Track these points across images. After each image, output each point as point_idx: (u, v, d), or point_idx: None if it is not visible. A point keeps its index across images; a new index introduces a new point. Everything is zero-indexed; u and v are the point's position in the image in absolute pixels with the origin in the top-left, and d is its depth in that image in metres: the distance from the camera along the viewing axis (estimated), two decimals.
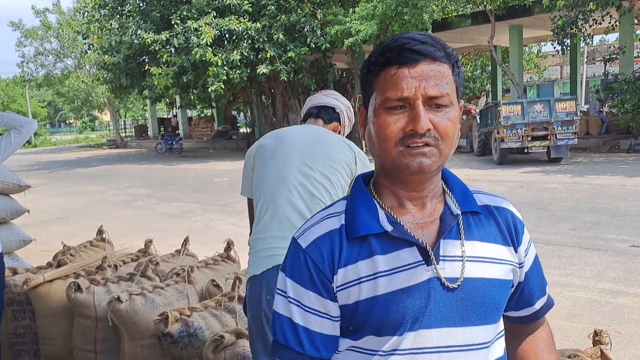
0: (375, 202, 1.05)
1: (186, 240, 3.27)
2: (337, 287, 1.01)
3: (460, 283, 1.00)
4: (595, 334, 1.86)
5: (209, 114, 33.86)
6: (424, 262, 1.00)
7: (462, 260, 1.01)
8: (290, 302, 1.04)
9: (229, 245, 3.08)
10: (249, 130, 27.33)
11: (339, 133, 2.29)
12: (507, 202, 1.14)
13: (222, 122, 30.65)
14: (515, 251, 1.09)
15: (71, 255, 3.33)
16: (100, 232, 3.79)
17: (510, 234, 1.09)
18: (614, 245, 5.83)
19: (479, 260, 1.03)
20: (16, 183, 3.83)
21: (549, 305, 1.21)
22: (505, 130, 13.23)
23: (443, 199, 1.07)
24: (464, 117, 26.59)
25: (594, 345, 1.84)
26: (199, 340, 2.09)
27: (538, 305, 1.18)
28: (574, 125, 12.98)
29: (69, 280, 2.74)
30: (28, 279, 2.84)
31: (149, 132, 35.85)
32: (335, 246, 1.02)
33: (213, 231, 7.72)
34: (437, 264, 1.00)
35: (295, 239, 1.07)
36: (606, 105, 18.37)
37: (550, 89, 40.68)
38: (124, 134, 37.81)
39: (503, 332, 1.10)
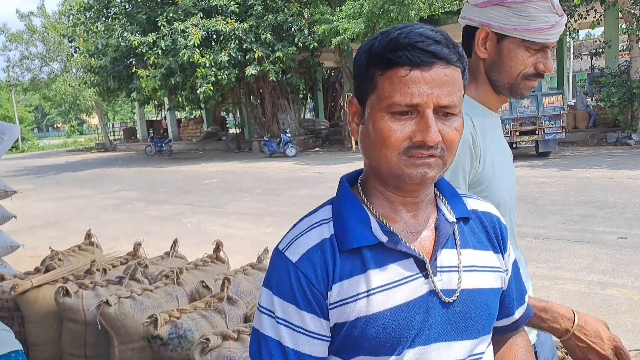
0: (366, 208, 0.97)
1: (175, 242, 3.26)
2: (330, 304, 0.93)
3: (457, 295, 0.94)
4: None
5: (197, 116, 33.75)
6: (421, 275, 0.94)
7: (459, 271, 0.96)
8: (279, 323, 0.94)
9: (218, 246, 3.07)
10: (238, 131, 27.28)
11: None
12: (492, 207, 1.10)
13: (211, 123, 30.57)
14: (502, 257, 1.05)
15: (59, 260, 3.30)
16: (88, 236, 3.77)
17: (498, 240, 1.05)
18: (602, 238, 5.88)
19: (474, 269, 0.98)
20: (2, 188, 3.79)
21: (527, 315, 1.16)
22: None
23: (435, 204, 1.01)
24: None
25: None
26: (189, 342, 2.08)
27: (517, 314, 1.12)
28: (561, 120, 13.09)
29: (58, 285, 2.72)
30: (16, 285, 2.82)
31: (137, 135, 35.67)
32: (329, 259, 0.93)
33: (204, 233, 7.70)
34: (435, 276, 0.94)
35: (281, 252, 0.97)
36: (593, 99, 18.52)
37: (537, 83, 40.92)
38: (112, 137, 37.59)
39: (489, 344, 1.06)
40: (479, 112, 1.40)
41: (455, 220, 0.99)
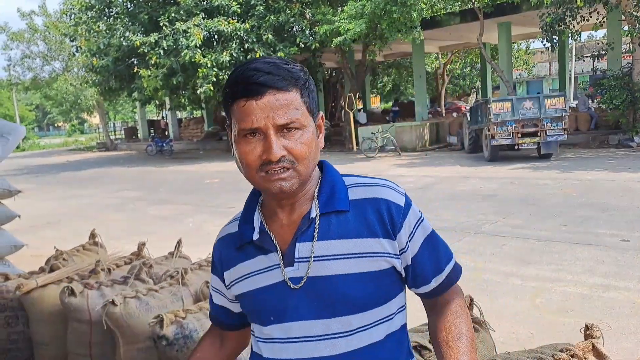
0: (258, 211, 1.20)
1: (179, 243, 3.27)
2: (227, 284, 1.26)
3: (303, 283, 1.11)
4: (587, 328, 1.88)
5: (198, 116, 33.76)
6: (278, 265, 1.14)
7: (309, 261, 1.11)
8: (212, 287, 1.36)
9: None
10: None
11: None
12: (386, 190, 1.18)
13: (212, 123, 30.57)
14: (393, 239, 1.14)
15: (64, 259, 3.31)
16: (92, 235, 3.77)
17: (384, 225, 1.13)
18: (604, 240, 5.88)
19: (331, 258, 1.11)
20: (6, 188, 3.80)
21: (450, 280, 1.24)
22: (495, 127, 13.31)
23: (312, 201, 1.16)
24: (454, 114, 26.74)
25: (585, 339, 1.86)
26: (194, 342, 2.09)
27: (435, 282, 1.22)
28: (563, 122, 13.09)
29: (62, 285, 2.73)
30: (20, 285, 2.82)
31: (139, 135, 35.70)
32: (223, 251, 1.26)
33: (205, 233, 7.70)
34: (293, 265, 1.12)
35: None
36: (595, 101, 18.51)
37: (539, 85, 40.93)
38: (113, 137, 37.62)
39: (388, 318, 1.17)
40: None
41: (315, 216, 1.13)
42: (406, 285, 1.23)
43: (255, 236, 1.16)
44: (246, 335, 1.39)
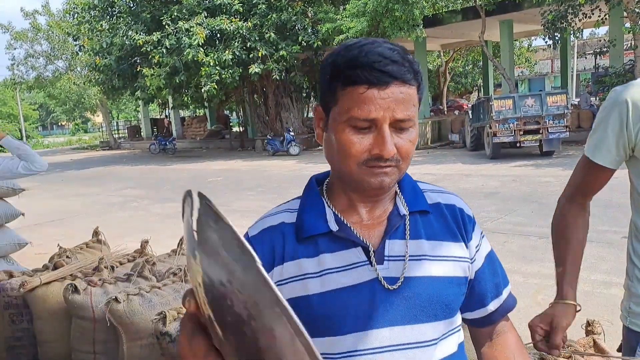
0: (325, 202, 1.07)
1: (182, 240, 3.29)
2: (279, 280, 1.02)
3: (400, 283, 1.00)
4: (588, 324, 1.89)
5: (201, 114, 33.79)
6: (368, 263, 1.01)
7: (405, 260, 1.02)
8: None
9: None
10: (241, 130, 27.33)
11: None
12: (457, 198, 1.15)
13: (214, 121, 30.62)
14: (467, 247, 1.09)
15: (67, 257, 3.32)
16: (96, 233, 3.80)
17: (460, 230, 1.10)
18: (606, 237, 5.89)
19: (424, 258, 1.04)
20: (10, 186, 3.82)
21: (506, 307, 1.17)
22: (497, 124, 13.30)
23: (394, 199, 1.09)
24: (456, 112, 26.72)
25: (586, 335, 1.87)
26: None
27: (492, 306, 1.14)
28: (565, 119, 13.07)
29: (66, 282, 2.75)
30: (24, 282, 2.84)
31: (142, 133, 35.74)
32: (277, 242, 1.04)
33: None
34: (382, 264, 1.01)
35: (248, 228, 1.11)
36: (597, 98, 18.47)
37: (541, 83, 40.85)
38: (117, 136, 37.66)
39: (458, 328, 1.10)
40: None
41: (406, 213, 1.06)
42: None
43: (334, 227, 1.03)
44: None
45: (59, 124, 73.80)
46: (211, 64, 18.33)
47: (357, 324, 0.99)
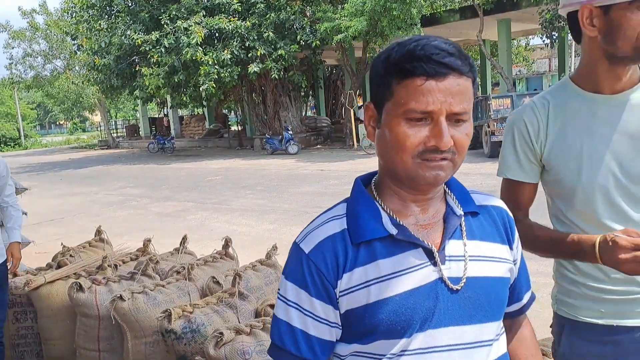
0: (378, 204, 1.05)
1: (184, 239, 3.32)
2: (340, 292, 1.01)
3: (463, 283, 1.01)
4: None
5: (200, 113, 33.78)
6: (430, 263, 1.01)
7: (465, 260, 1.02)
8: (289, 305, 1.04)
9: (227, 243, 3.13)
10: (240, 129, 27.34)
11: None
12: (500, 201, 1.17)
13: (213, 120, 30.61)
14: (511, 248, 1.12)
15: (71, 256, 3.36)
16: (98, 232, 3.83)
17: (507, 232, 1.12)
18: None
19: (482, 259, 1.05)
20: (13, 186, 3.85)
21: (533, 298, 1.24)
22: (495, 123, 13.36)
23: (444, 199, 1.09)
24: None
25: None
26: (202, 336, 2.14)
27: (525, 298, 1.21)
28: None
29: (70, 281, 2.78)
30: (29, 281, 2.88)
31: (140, 132, 35.71)
32: (339, 250, 1.01)
33: (208, 229, 7.76)
34: (443, 264, 1.01)
35: (297, 244, 1.06)
36: None
37: (539, 81, 40.88)
38: (115, 135, 37.63)
39: (504, 329, 1.13)
40: (569, 96, 1.47)
41: (462, 214, 1.06)
42: None
43: (393, 230, 1.01)
44: None
45: (57, 123, 73.72)
46: (210, 63, 18.33)
47: (423, 325, 0.99)
